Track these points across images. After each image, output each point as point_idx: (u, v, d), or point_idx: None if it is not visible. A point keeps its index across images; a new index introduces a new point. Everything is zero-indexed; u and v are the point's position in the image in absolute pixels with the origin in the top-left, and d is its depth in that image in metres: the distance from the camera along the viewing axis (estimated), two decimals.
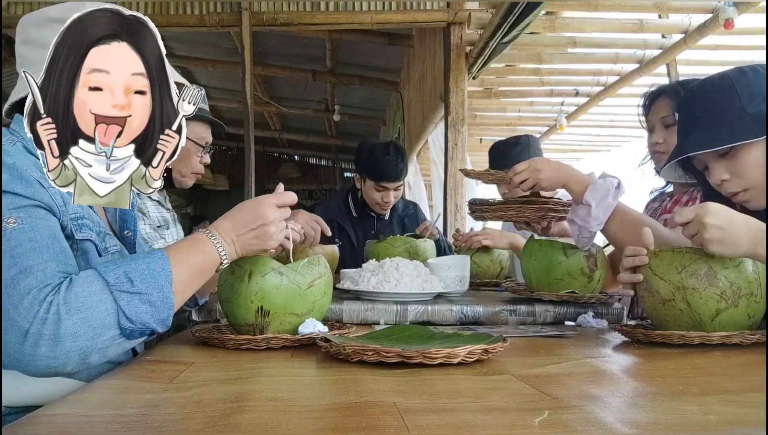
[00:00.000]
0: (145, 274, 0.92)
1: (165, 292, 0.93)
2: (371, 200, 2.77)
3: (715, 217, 1.05)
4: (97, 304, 0.87)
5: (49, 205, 0.95)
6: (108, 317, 0.88)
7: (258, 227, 1.06)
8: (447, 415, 0.66)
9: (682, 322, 1.11)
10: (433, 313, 1.45)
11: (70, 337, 0.85)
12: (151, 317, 0.92)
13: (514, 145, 2.68)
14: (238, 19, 4.06)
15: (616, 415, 0.67)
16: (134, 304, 0.90)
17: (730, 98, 1.25)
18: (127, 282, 0.90)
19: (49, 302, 0.85)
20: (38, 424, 0.64)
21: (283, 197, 1.10)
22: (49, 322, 0.84)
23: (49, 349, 0.84)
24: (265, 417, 0.66)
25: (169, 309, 0.94)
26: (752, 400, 0.73)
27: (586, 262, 1.50)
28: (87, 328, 0.86)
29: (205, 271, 1.02)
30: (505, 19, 3.20)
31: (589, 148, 8.09)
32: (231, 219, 1.07)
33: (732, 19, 3.40)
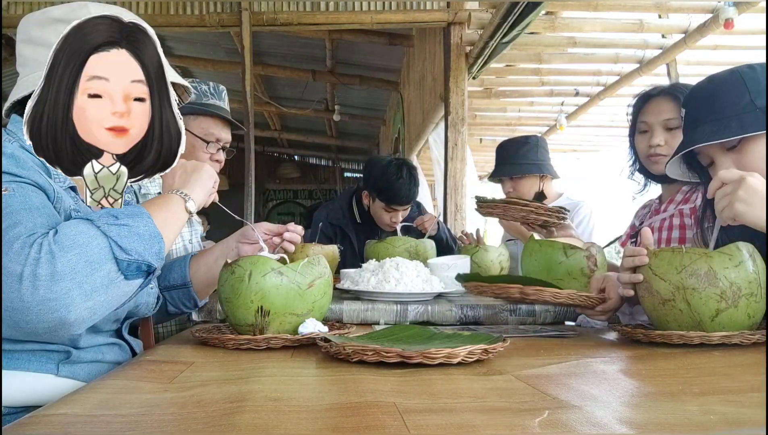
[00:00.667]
0: (126, 213, 0.95)
1: (150, 226, 0.95)
2: (379, 219, 2.73)
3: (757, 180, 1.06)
4: (89, 240, 0.87)
5: (43, 187, 0.96)
6: (102, 250, 0.88)
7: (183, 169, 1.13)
8: (447, 415, 0.66)
9: (682, 322, 1.11)
10: (433, 313, 1.45)
11: (68, 274, 0.83)
12: (144, 248, 0.93)
13: (523, 144, 2.69)
14: (238, 19, 4.06)
15: (616, 415, 0.67)
16: (124, 235, 0.91)
17: (739, 92, 1.25)
18: (112, 217, 0.92)
19: (40, 244, 0.84)
20: (38, 424, 0.64)
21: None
22: (42, 262, 0.83)
23: (47, 289, 0.82)
24: (265, 417, 0.66)
25: (159, 242, 0.96)
26: (752, 400, 0.73)
27: (586, 262, 1.50)
28: (84, 263, 0.85)
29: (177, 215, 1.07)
30: (505, 19, 3.20)
31: (589, 148, 8.09)
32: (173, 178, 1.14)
33: (732, 19, 3.40)
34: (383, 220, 2.72)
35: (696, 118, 1.32)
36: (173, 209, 1.07)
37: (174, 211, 1.06)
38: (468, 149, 4.13)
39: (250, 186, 4.14)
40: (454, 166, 3.94)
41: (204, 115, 1.82)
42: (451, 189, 3.97)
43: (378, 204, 2.69)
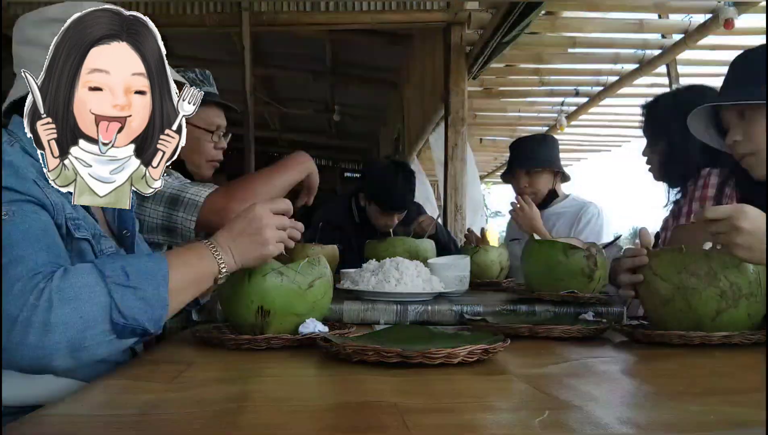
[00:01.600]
0: (142, 270, 0.91)
1: (160, 290, 0.92)
2: (374, 222, 2.76)
3: (750, 222, 1.00)
4: (91, 296, 0.85)
5: (42, 203, 0.94)
6: (100, 310, 0.86)
7: (254, 232, 1.04)
8: (447, 415, 0.66)
9: (682, 322, 1.11)
10: (433, 313, 1.45)
11: (60, 327, 0.82)
12: (144, 314, 0.90)
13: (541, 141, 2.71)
14: (238, 19, 4.06)
15: (616, 415, 0.67)
16: (128, 299, 0.88)
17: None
18: (123, 276, 0.89)
19: (41, 289, 0.83)
20: (38, 424, 0.64)
21: (278, 204, 1.09)
22: (40, 309, 0.82)
23: (37, 338, 0.81)
24: (265, 417, 0.66)
25: (163, 308, 0.92)
26: (752, 400, 0.73)
27: (586, 262, 1.50)
28: (78, 319, 0.84)
29: (202, 279, 1.01)
30: (505, 19, 3.20)
31: (589, 148, 8.10)
32: (227, 228, 1.06)
33: (732, 19, 3.40)
34: (379, 223, 2.75)
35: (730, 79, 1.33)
36: (202, 274, 1.00)
37: (201, 276, 1.00)
38: (469, 149, 4.13)
39: None
40: (454, 166, 3.94)
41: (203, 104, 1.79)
42: (451, 189, 3.97)
43: (373, 207, 2.72)
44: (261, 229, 1.05)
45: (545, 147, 2.68)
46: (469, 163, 4.09)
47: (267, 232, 1.05)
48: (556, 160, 2.70)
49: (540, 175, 2.66)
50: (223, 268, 1.02)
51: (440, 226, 2.86)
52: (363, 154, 10.21)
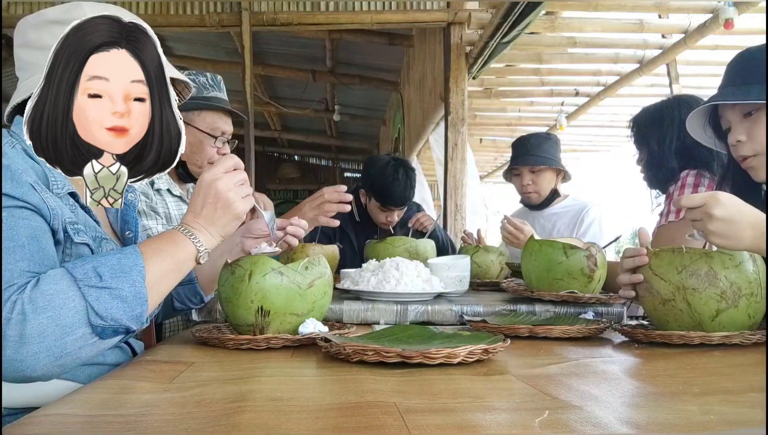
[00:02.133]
0: (115, 268, 0.89)
1: (137, 286, 0.90)
2: (375, 218, 2.76)
3: (723, 209, 1.01)
4: (65, 302, 0.84)
5: (37, 207, 0.93)
6: (77, 315, 0.85)
7: (214, 199, 1.02)
8: (447, 415, 0.66)
9: (682, 322, 1.11)
10: (433, 313, 1.45)
11: (36, 338, 0.81)
12: (123, 313, 0.89)
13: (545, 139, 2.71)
14: (238, 19, 4.06)
15: (616, 415, 0.67)
16: (104, 300, 0.87)
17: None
18: (96, 277, 0.87)
19: (14, 302, 0.82)
20: (38, 424, 0.64)
21: (224, 162, 1.06)
22: (13, 322, 0.81)
23: (14, 350, 0.81)
24: (266, 417, 0.66)
25: (143, 304, 0.91)
26: (752, 400, 0.73)
27: (586, 262, 1.50)
28: (55, 326, 0.83)
29: (181, 265, 1.00)
30: (505, 19, 3.20)
31: (589, 148, 8.10)
32: (190, 208, 1.04)
33: (732, 19, 3.41)
34: (379, 219, 2.74)
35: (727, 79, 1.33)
36: (180, 259, 0.99)
37: (180, 262, 0.99)
38: (469, 149, 4.13)
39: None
40: (454, 166, 3.95)
41: (208, 109, 1.79)
42: (451, 189, 3.97)
43: (374, 203, 2.71)
44: (219, 193, 1.03)
45: (549, 145, 2.68)
46: (469, 163, 4.10)
47: (228, 194, 1.03)
48: (560, 159, 2.70)
49: (543, 174, 2.66)
50: (201, 247, 1.01)
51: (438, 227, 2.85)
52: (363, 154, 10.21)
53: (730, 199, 1.03)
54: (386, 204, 2.66)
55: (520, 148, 2.72)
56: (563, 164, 2.70)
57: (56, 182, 1.01)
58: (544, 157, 2.64)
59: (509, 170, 2.79)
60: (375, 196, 2.68)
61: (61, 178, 1.02)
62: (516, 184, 2.77)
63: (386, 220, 2.72)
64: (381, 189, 2.64)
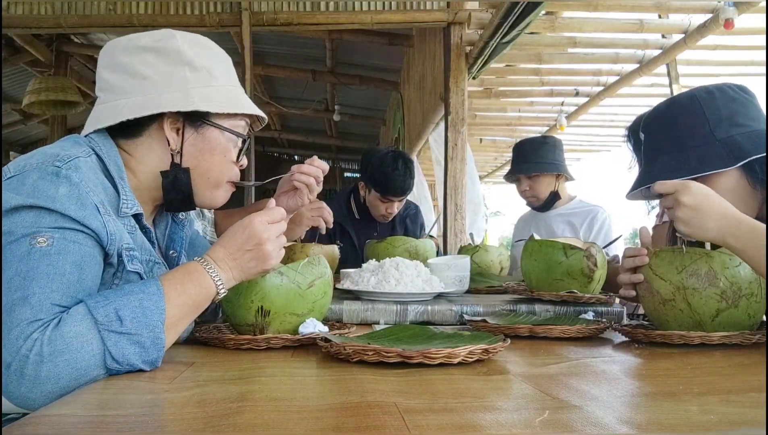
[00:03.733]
0: (136, 311, 0.88)
1: (156, 332, 0.89)
2: (375, 210, 2.76)
3: (691, 197, 1.04)
4: (83, 346, 0.84)
5: (96, 232, 0.92)
6: (94, 358, 0.84)
7: (254, 248, 1.01)
8: (447, 415, 0.66)
9: (682, 322, 1.11)
10: (433, 313, 1.45)
11: (51, 380, 0.82)
12: (139, 358, 0.88)
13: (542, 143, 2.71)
14: (238, 19, 4.06)
15: (616, 415, 0.67)
16: (122, 345, 0.86)
17: (698, 122, 1.24)
18: (117, 321, 0.86)
19: (34, 340, 0.82)
20: (38, 424, 0.64)
21: (273, 213, 1.05)
22: (30, 362, 0.81)
23: (28, 389, 0.81)
24: (266, 417, 0.66)
25: (160, 350, 0.90)
26: (752, 400, 0.73)
27: (586, 262, 1.50)
28: (70, 369, 0.83)
29: (199, 304, 0.98)
30: (505, 19, 3.20)
31: (589, 148, 8.10)
32: (224, 244, 1.02)
33: (732, 19, 3.41)
34: (378, 211, 2.74)
35: (655, 146, 1.31)
36: (198, 298, 0.97)
37: (198, 303, 0.98)
38: (469, 149, 4.13)
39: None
40: (454, 166, 3.94)
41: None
42: (451, 189, 3.97)
43: (374, 194, 2.71)
44: (261, 244, 1.01)
45: (546, 150, 2.68)
46: (469, 163, 4.09)
47: (268, 246, 1.02)
48: (558, 163, 2.69)
49: (540, 179, 2.66)
50: (222, 289, 1.00)
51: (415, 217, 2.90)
52: None
53: (700, 188, 1.05)
54: (386, 194, 2.66)
55: (517, 154, 2.73)
56: (563, 167, 2.69)
57: (127, 201, 1.01)
58: (538, 163, 2.64)
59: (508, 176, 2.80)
60: (375, 187, 2.68)
61: (132, 197, 1.03)
62: (517, 189, 2.78)
63: (386, 211, 2.71)
64: (381, 179, 2.64)
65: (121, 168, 1.04)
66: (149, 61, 1.06)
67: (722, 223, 1.03)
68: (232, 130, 1.12)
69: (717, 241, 1.05)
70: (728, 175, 1.22)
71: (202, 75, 1.09)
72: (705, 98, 1.25)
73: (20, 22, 3.90)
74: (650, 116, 1.36)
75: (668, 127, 1.29)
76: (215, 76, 1.11)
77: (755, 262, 1.01)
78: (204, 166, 1.10)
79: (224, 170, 1.13)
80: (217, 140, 1.11)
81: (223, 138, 1.11)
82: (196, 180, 1.11)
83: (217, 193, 1.14)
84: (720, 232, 1.03)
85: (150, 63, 1.06)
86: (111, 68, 1.08)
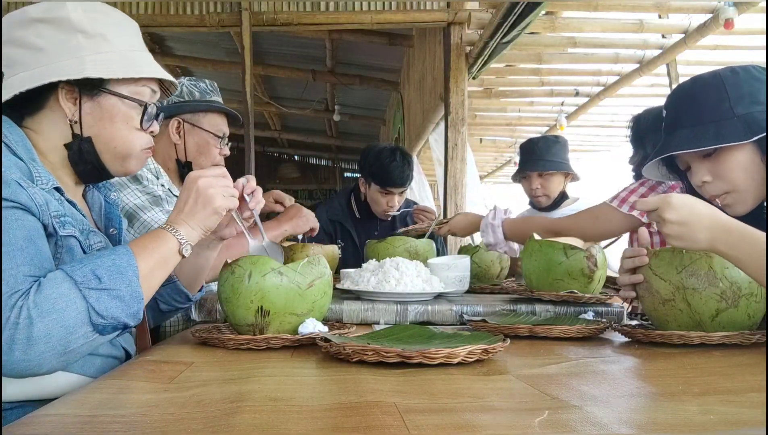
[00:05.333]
0: (111, 270, 0.93)
1: (133, 286, 0.94)
2: (376, 205, 2.76)
3: (674, 213, 1.03)
4: (68, 304, 0.88)
5: (27, 205, 0.94)
6: (79, 315, 0.88)
7: (196, 196, 1.07)
8: (447, 415, 0.66)
9: (682, 322, 1.11)
10: (433, 313, 1.45)
11: (42, 339, 0.85)
12: (122, 311, 0.93)
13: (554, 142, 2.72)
14: (238, 19, 4.06)
15: (616, 415, 0.67)
16: (104, 300, 0.91)
17: (719, 97, 1.24)
18: (95, 279, 0.91)
19: (20, 307, 0.85)
20: (38, 424, 0.64)
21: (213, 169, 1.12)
22: (21, 327, 0.84)
23: (22, 352, 0.84)
24: (265, 417, 0.66)
25: (139, 302, 0.95)
26: (752, 400, 0.73)
27: (586, 262, 1.50)
28: (59, 328, 0.86)
29: (167, 259, 1.04)
30: (505, 19, 3.20)
31: (589, 148, 8.10)
32: (176, 206, 1.09)
33: (732, 19, 3.40)
34: (380, 206, 2.75)
35: (675, 120, 1.31)
36: (165, 254, 1.03)
37: (165, 256, 1.03)
38: (469, 149, 4.13)
39: None
40: (454, 166, 3.94)
41: (213, 111, 1.89)
42: (451, 189, 3.97)
43: (374, 188, 2.72)
44: (200, 189, 1.07)
45: (558, 148, 2.69)
46: (469, 163, 4.09)
47: (208, 190, 1.07)
48: (569, 163, 2.71)
49: (553, 177, 2.67)
50: (183, 240, 1.05)
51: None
52: None
53: (681, 201, 1.04)
54: (386, 185, 2.68)
55: (530, 152, 2.72)
56: (572, 167, 2.70)
57: (40, 178, 1.01)
58: (553, 161, 2.65)
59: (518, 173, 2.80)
60: (374, 181, 2.70)
61: (45, 173, 1.03)
62: (525, 187, 2.77)
63: (387, 205, 2.73)
64: (379, 171, 2.66)
65: (31, 150, 1.04)
66: (42, 32, 1.04)
67: (712, 234, 1.01)
68: (130, 97, 1.10)
69: (710, 250, 1.04)
70: (743, 151, 1.21)
71: (96, 41, 1.07)
72: (728, 76, 1.25)
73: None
74: (672, 92, 1.36)
75: (689, 102, 1.29)
76: (111, 41, 1.08)
77: (750, 269, 1.00)
78: (105, 134, 1.10)
79: (130, 138, 1.12)
80: (115, 108, 1.09)
81: (123, 105, 1.10)
82: (102, 149, 1.10)
83: (129, 162, 1.14)
84: (712, 241, 1.02)
85: (42, 34, 1.04)
86: (8, 43, 1.07)
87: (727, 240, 1.00)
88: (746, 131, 1.19)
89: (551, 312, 1.48)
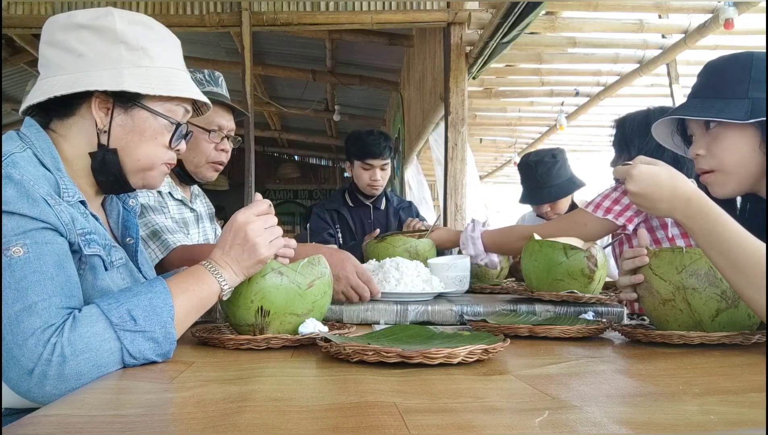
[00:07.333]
0: (147, 310, 0.94)
1: (167, 327, 0.95)
2: (361, 182, 2.86)
3: (635, 184, 1.09)
4: (102, 344, 0.89)
5: (55, 226, 0.94)
6: (113, 356, 0.90)
7: (243, 241, 1.06)
8: (447, 415, 0.66)
9: (682, 322, 1.11)
10: (433, 313, 1.45)
11: (74, 377, 0.86)
12: (153, 352, 0.94)
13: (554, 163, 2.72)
14: (238, 19, 4.06)
15: (616, 415, 0.67)
16: (138, 342, 0.92)
17: (741, 77, 1.23)
18: (131, 320, 0.92)
19: (53, 344, 0.86)
20: (38, 424, 0.64)
21: (257, 206, 1.10)
22: (53, 364, 0.85)
23: (53, 387, 0.86)
24: (266, 417, 0.66)
25: (171, 344, 0.96)
26: (752, 400, 0.73)
27: (586, 262, 1.50)
28: (91, 366, 0.88)
29: (205, 302, 1.04)
30: (505, 19, 3.20)
31: (589, 148, 8.10)
32: (219, 244, 1.08)
33: (732, 19, 3.40)
34: (363, 180, 2.84)
35: (697, 88, 1.31)
36: (204, 297, 1.03)
37: (204, 300, 1.03)
38: (469, 149, 4.13)
39: (250, 186, 4.14)
40: (454, 166, 3.94)
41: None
42: (451, 189, 3.97)
43: (356, 165, 2.83)
44: (248, 236, 1.06)
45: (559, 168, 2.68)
46: (469, 164, 4.09)
47: (256, 239, 1.06)
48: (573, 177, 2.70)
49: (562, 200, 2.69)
50: (225, 285, 1.05)
51: None
52: None
53: (643, 174, 1.08)
54: (365, 158, 2.78)
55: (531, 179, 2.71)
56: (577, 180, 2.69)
57: (67, 190, 1.01)
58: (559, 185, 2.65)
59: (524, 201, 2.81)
60: (355, 156, 2.81)
61: (71, 184, 1.02)
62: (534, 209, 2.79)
63: (370, 180, 2.81)
64: (358, 146, 2.79)
65: (57, 158, 1.03)
66: (85, 38, 1.04)
67: (671, 203, 1.06)
68: (163, 115, 1.10)
69: (667, 216, 1.09)
70: (742, 134, 1.21)
71: (137, 55, 1.06)
72: (759, 59, 1.25)
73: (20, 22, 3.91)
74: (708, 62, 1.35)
75: (713, 75, 1.29)
76: (151, 56, 1.08)
77: (700, 241, 1.03)
78: (132, 147, 1.09)
79: (156, 154, 1.11)
80: (147, 123, 1.09)
81: (155, 121, 1.09)
82: (125, 161, 1.09)
83: (150, 175, 1.13)
84: (670, 211, 1.07)
85: (86, 40, 1.04)
86: (49, 44, 1.07)
87: (684, 210, 1.04)
88: (747, 113, 1.19)
89: (551, 312, 1.48)
